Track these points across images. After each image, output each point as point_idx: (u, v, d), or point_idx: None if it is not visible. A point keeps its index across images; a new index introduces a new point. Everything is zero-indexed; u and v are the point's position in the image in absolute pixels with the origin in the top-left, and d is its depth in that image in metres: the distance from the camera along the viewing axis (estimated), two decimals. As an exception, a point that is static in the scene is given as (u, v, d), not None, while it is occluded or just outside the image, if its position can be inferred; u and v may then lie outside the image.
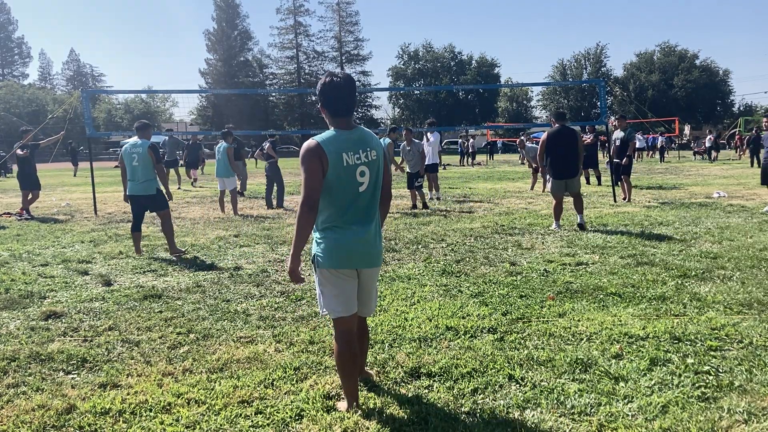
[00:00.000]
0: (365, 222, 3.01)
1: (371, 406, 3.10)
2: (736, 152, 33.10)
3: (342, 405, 3.11)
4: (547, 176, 9.04)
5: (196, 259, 7.09)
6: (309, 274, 6.21)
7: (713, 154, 30.24)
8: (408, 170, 11.98)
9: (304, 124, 70.71)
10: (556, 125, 8.81)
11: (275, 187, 12.61)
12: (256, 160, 34.73)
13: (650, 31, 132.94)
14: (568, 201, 9.29)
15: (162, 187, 7.40)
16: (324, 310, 3.09)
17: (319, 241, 3.04)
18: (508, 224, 9.21)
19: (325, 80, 2.96)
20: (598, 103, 16.02)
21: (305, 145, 2.90)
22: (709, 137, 30.99)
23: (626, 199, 12.05)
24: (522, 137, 19.73)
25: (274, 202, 12.58)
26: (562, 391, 3.22)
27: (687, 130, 49.45)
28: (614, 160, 12.37)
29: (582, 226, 8.53)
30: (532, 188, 15.63)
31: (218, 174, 11.82)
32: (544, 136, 8.88)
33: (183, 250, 7.47)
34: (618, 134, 12.28)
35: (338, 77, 2.95)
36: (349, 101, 2.96)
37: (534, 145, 16.33)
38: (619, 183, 12.46)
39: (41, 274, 6.38)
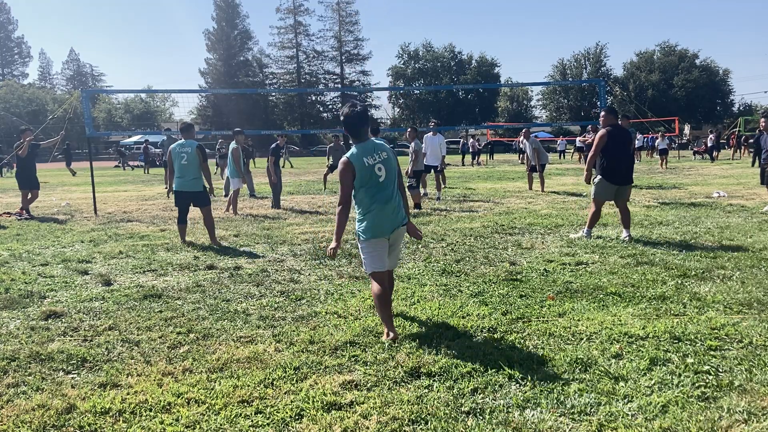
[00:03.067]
0: (389, 201, 4.19)
1: (371, 405, 3.10)
2: (732, 150, 33.00)
3: (384, 336, 4.10)
4: (596, 178, 7.79)
5: (196, 258, 7.09)
6: (309, 274, 6.22)
7: (714, 153, 30.09)
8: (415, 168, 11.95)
9: (303, 124, 70.69)
10: (610, 125, 7.64)
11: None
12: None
13: (650, 31, 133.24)
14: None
15: (206, 184, 8.14)
16: (367, 269, 4.27)
17: (361, 220, 4.20)
18: (508, 224, 9.21)
19: (345, 111, 4.12)
20: (598, 103, 16.01)
21: (341, 162, 4.12)
22: (710, 136, 30.87)
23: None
24: (521, 137, 19.69)
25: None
26: (562, 390, 3.22)
27: (687, 129, 49.43)
28: None
29: (627, 240, 7.43)
30: (530, 188, 15.57)
31: (230, 174, 12.12)
32: (603, 133, 7.59)
33: (221, 243, 8.03)
34: None
35: (354, 110, 4.10)
36: (361, 127, 4.15)
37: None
38: None
39: (41, 274, 6.38)
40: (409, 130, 12.43)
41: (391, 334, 4.10)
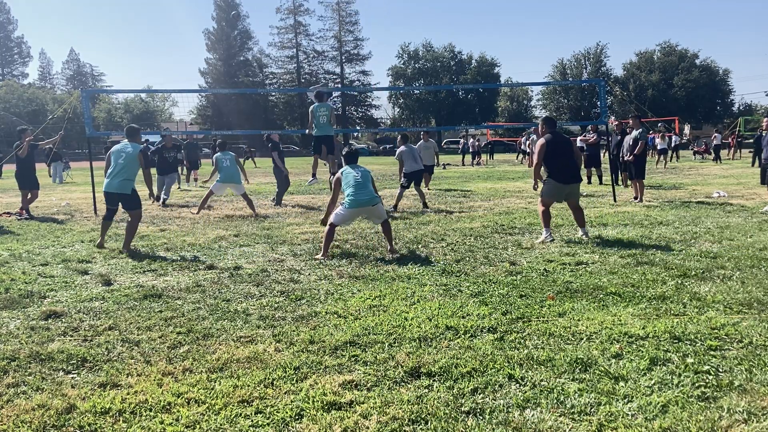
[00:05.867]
0: (363, 187, 7.05)
1: (371, 405, 3.10)
2: (732, 150, 32.94)
3: (319, 255, 6.80)
4: (544, 183, 7.99)
5: (196, 258, 7.09)
6: (309, 274, 6.22)
7: (719, 153, 29.80)
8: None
9: (304, 124, 70.64)
10: (549, 132, 7.99)
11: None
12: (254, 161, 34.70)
13: (650, 31, 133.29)
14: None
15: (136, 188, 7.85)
16: (332, 219, 7.03)
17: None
18: (508, 224, 9.21)
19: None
20: (598, 103, 16.01)
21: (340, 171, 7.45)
22: (715, 135, 30.70)
23: (638, 200, 11.90)
24: (522, 137, 19.68)
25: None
26: (562, 390, 3.22)
27: (687, 129, 49.39)
28: (626, 159, 12.40)
29: (584, 238, 7.66)
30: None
31: (230, 180, 11.56)
32: (542, 141, 7.95)
33: (134, 249, 7.63)
34: (634, 133, 12.27)
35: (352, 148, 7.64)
36: (354, 158, 7.40)
37: None
38: (628, 183, 12.50)
39: (41, 274, 6.38)
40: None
41: (321, 257, 6.75)
